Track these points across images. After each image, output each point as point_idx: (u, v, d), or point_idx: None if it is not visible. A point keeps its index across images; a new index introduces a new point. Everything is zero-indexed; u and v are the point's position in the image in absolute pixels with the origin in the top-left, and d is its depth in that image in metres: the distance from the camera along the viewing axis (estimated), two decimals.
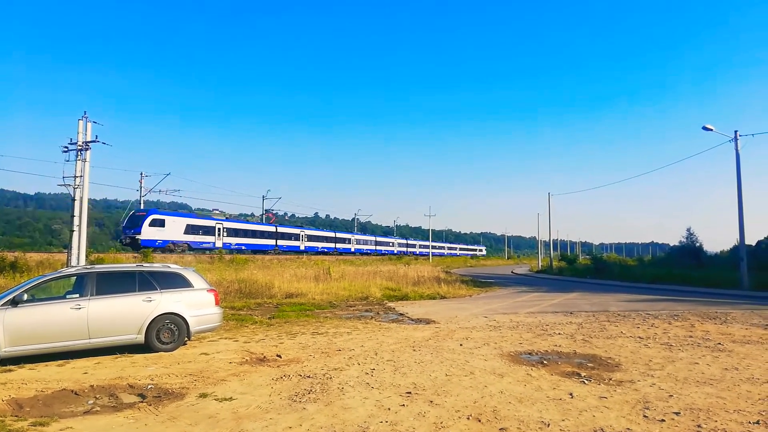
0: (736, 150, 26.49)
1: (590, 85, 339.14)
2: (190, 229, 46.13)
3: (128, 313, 9.12)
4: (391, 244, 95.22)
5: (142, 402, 6.28)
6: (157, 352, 9.17)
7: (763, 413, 5.65)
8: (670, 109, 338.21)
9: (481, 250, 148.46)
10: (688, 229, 45.54)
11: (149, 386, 6.97)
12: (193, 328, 9.60)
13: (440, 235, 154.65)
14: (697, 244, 44.09)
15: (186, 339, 9.67)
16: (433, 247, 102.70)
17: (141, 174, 48.11)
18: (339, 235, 77.03)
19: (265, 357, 8.96)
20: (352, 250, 76.92)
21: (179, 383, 7.12)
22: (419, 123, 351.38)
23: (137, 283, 9.46)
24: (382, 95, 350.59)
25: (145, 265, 10.43)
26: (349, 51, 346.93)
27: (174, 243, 43.77)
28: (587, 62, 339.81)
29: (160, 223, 43.01)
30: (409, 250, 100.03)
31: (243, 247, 51.91)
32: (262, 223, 62.17)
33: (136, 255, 36.50)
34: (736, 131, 26.52)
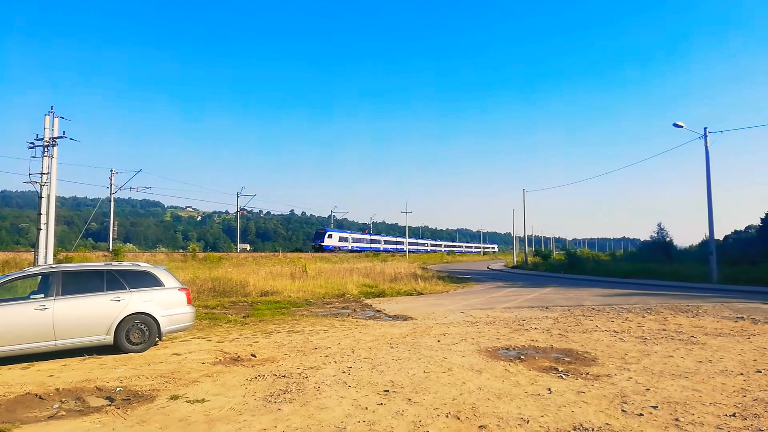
0: (706, 147, 27.04)
1: (565, 83, 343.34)
2: (339, 239, 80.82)
3: (96, 313, 8.81)
4: (426, 244, 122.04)
5: (110, 405, 6.03)
6: (127, 353, 8.88)
7: (739, 405, 5.69)
8: (644, 106, 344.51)
9: (493, 248, 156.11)
10: (659, 225, 46.66)
11: (118, 389, 6.72)
12: (164, 328, 9.33)
13: (417, 232, 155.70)
14: (668, 239, 45.17)
15: (157, 339, 9.39)
16: (447, 246, 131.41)
17: (111, 171, 47.16)
18: (402, 239, 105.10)
19: (239, 357, 8.75)
20: (406, 249, 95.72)
21: (149, 385, 6.89)
22: (396, 120, 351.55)
23: (105, 282, 9.15)
24: (359, 93, 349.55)
25: (113, 263, 10.09)
26: (325, 44, 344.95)
27: (335, 247, 77.62)
28: (565, 60, 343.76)
29: (329, 237, 78.84)
30: (447, 248, 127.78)
31: (360, 249, 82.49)
32: (371, 233, 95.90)
33: (106, 254, 35.88)
34: (705, 128, 27.09)
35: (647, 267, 33.79)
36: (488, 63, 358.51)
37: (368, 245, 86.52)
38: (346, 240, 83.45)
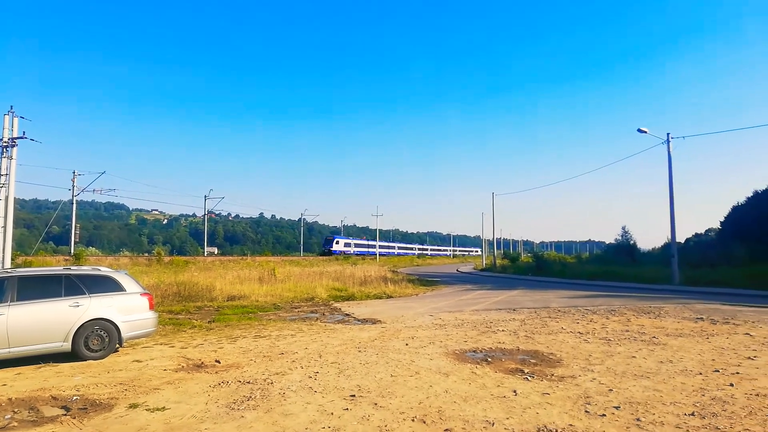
0: (668, 151, 27.83)
1: (531, 88, 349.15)
2: (344, 245, 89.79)
3: (53, 319, 8.49)
4: (414, 248, 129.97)
5: (65, 415, 5.81)
6: (86, 360, 8.59)
7: (698, 405, 5.82)
8: (609, 110, 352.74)
9: (476, 251, 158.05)
10: (623, 228, 47.86)
11: (74, 397, 6.49)
12: (125, 334, 9.07)
13: (387, 235, 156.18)
14: (632, 242, 46.32)
15: (117, 346, 9.12)
16: (435, 250, 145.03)
17: (74, 173, 45.78)
18: (393, 243, 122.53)
19: (202, 363, 8.56)
20: (416, 251, 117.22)
21: (108, 393, 6.67)
22: (366, 123, 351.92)
23: (64, 287, 8.83)
24: (329, 94, 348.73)
25: (72, 268, 9.77)
26: (295, 46, 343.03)
27: (341, 252, 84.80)
28: (530, 66, 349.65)
29: (336, 243, 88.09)
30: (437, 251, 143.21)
31: (360, 253, 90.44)
32: (368, 240, 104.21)
33: (67, 258, 34.89)
34: (668, 134, 27.89)
35: (612, 269, 34.55)
36: (444, 70, 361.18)
37: (366, 249, 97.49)
38: (349, 245, 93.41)
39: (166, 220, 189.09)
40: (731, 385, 6.70)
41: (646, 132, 28.01)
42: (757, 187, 49.22)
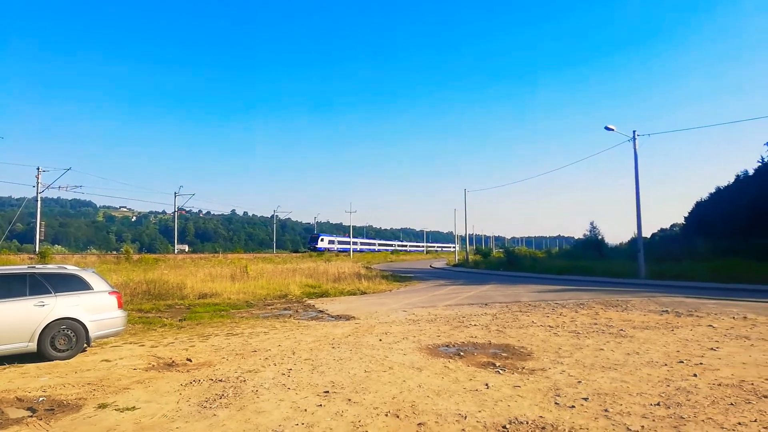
0: (635, 149, 28.47)
1: (502, 84, 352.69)
2: (328, 242, 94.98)
3: (17, 319, 8.26)
4: (393, 245, 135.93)
5: (31, 416, 5.66)
6: (52, 360, 8.39)
7: (663, 395, 6.00)
8: (578, 105, 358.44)
9: (455, 247, 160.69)
10: (592, 223, 48.99)
11: (41, 398, 6.33)
12: (92, 333, 8.88)
13: (361, 232, 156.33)
14: (600, 237, 47.36)
15: (85, 345, 8.93)
16: (413, 246, 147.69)
17: (38, 169, 44.52)
18: (373, 240, 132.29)
19: (173, 361, 8.44)
20: (395, 248, 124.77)
21: (76, 394, 6.53)
22: (337, 120, 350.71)
23: (28, 286, 8.60)
24: (304, 94, 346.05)
25: (37, 266, 9.51)
26: (262, 40, 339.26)
27: (325, 249, 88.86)
28: (498, 62, 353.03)
29: (321, 240, 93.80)
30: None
31: (342, 250, 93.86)
32: (350, 237, 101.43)
33: (32, 256, 33.98)
34: (634, 131, 28.53)
35: (580, 264, 35.22)
36: (408, 66, 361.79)
37: (347, 246, 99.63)
38: (333, 242, 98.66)
39: (134, 218, 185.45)
40: (695, 375, 6.92)
41: (613, 129, 28.59)
42: (720, 184, 50.83)
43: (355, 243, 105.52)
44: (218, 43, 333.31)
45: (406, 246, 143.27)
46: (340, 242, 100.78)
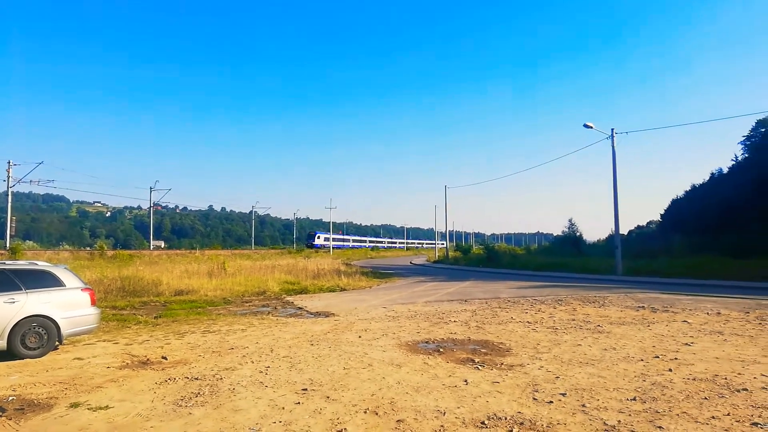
0: (612, 146, 28.85)
1: (482, 81, 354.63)
2: (324, 239, 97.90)
3: None
4: (383, 242, 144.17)
5: (1, 416, 5.49)
6: (23, 358, 8.15)
7: (639, 390, 6.06)
8: (557, 103, 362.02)
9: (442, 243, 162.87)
10: (570, 220, 49.67)
11: (11, 398, 6.14)
12: (65, 330, 8.65)
13: (341, 228, 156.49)
14: (578, 234, 48.05)
15: (57, 343, 8.70)
16: (400, 243, 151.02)
17: (9, 163, 43.46)
18: (365, 237, 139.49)
19: (148, 359, 8.27)
20: (386, 245, 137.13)
21: (47, 392, 6.35)
22: (317, 116, 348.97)
23: None
24: (281, 89, 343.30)
25: (7, 262, 9.22)
26: (240, 32, 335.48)
27: (321, 245, 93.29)
28: (479, 59, 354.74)
29: (318, 237, 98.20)
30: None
31: (338, 246, 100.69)
32: (344, 234, 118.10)
33: (2, 252, 33.22)
34: (612, 129, 28.93)
35: (559, 260, 35.65)
36: (394, 62, 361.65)
37: (341, 243, 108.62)
38: (328, 239, 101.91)
39: (109, 213, 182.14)
40: (670, 370, 7.01)
41: (592, 127, 28.94)
42: (695, 182, 51.86)
43: (346, 240, 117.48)
44: (195, 37, 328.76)
45: (396, 243, 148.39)
46: (335, 239, 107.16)
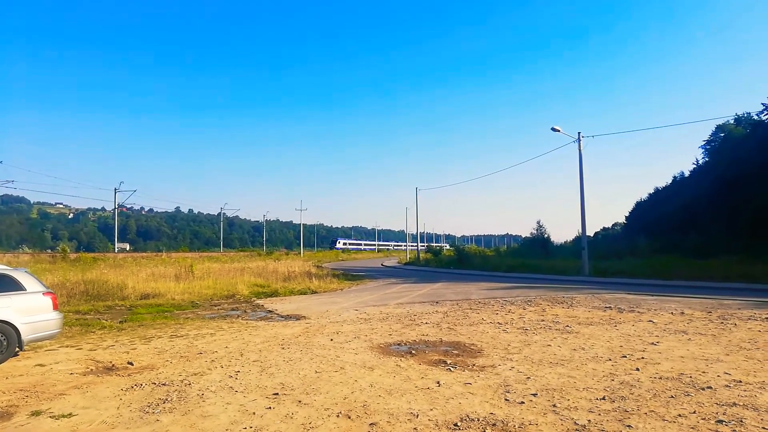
0: (579, 150, 29.40)
1: (456, 85, 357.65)
2: (343, 243, 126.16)
3: None
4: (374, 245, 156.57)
5: None
6: None
7: (608, 389, 6.16)
8: (525, 105, 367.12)
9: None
10: (538, 222, 50.53)
11: None
12: (25, 336, 8.33)
13: (312, 230, 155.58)
14: (546, 236, 48.87)
15: (17, 349, 8.37)
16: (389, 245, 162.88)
17: None
18: (373, 242, 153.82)
19: (113, 365, 8.04)
20: (392, 247, 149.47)
21: (7, 400, 6.10)
22: (286, 117, 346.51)
23: None
24: (250, 92, 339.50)
25: None
26: (215, 30, 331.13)
27: (342, 248, 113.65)
28: (445, 61, 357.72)
29: (338, 242, 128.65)
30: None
31: (353, 249, 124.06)
32: (358, 239, 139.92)
33: None
34: (579, 132, 29.47)
35: (528, 262, 36.14)
36: (357, 63, 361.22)
37: (356, 246, 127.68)
38: (346, 243, 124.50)
39: (72, 215, 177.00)
40: (637, 369, 7.15)
41: (559, 131, 29.45)
42: (658, 185, 53.34)
43: (359, 244, 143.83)
44: (157, 36, 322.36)
45: (390, 245, 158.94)
46: (351, 243, 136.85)
